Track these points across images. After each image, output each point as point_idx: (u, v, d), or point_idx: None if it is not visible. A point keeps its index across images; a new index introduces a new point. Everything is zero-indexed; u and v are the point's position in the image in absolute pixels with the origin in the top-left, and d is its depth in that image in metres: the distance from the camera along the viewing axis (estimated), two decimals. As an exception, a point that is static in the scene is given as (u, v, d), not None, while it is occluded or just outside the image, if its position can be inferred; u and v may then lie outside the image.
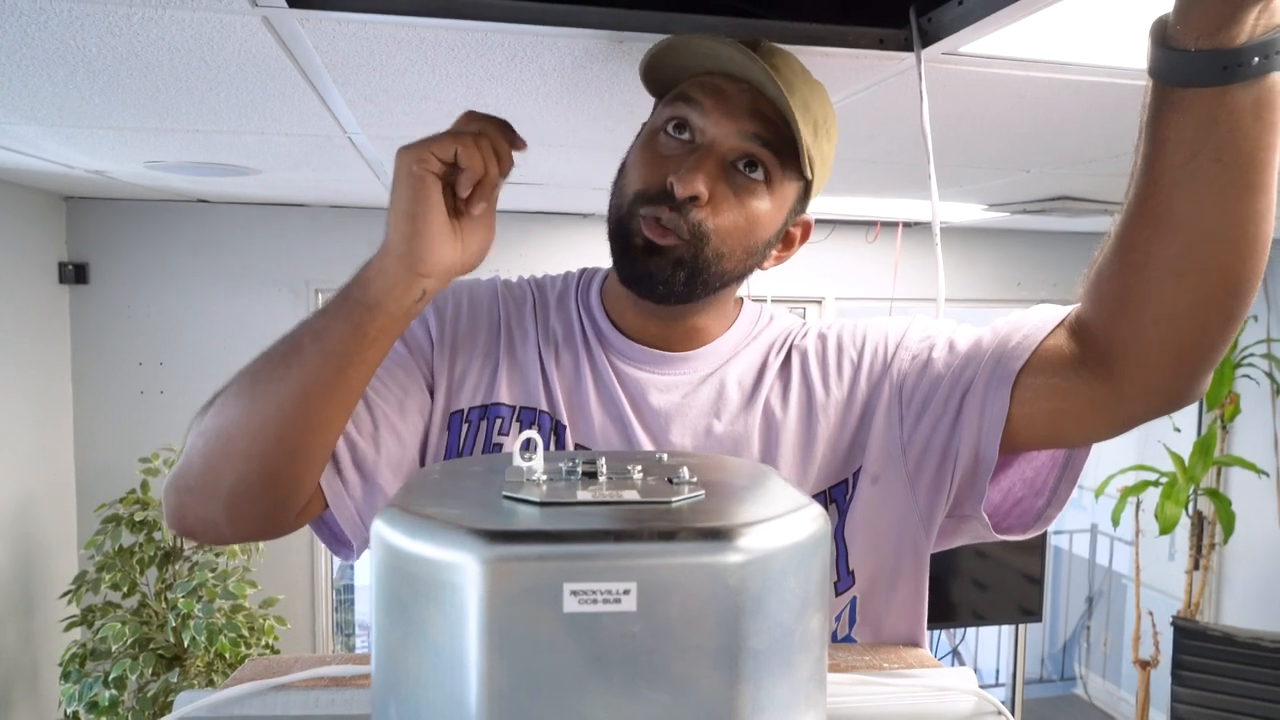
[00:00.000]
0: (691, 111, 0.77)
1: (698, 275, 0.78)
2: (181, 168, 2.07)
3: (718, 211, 0.77)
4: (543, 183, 2.32)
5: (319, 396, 0.70)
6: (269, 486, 0.72)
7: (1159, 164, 0.60)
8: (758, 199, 0.78)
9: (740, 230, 0.78)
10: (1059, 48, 0.97)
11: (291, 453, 0.71)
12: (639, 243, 0.77)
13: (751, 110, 0.76)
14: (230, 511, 0.73)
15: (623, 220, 0.79)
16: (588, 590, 0.39)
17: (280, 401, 0.69)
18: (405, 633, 0.42)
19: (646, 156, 0.79)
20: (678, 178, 0.74)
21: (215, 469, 0.72)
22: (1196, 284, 0.62)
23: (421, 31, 0.94)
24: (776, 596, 0.41)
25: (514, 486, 0.47)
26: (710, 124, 0.76)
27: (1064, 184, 2.16)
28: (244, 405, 0.71)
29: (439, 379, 0.84)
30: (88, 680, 2.36)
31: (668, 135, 0.78)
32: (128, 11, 0.90)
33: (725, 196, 0.77)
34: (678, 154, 0.77)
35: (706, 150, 0.76)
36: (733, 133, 0.76)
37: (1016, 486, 0.85)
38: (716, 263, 0.78)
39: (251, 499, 0.73)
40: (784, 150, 0.77)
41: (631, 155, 0.82)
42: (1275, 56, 0.54)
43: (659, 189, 0.76)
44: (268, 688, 0.67)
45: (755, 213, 0.78)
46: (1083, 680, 4.54)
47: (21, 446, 2.73)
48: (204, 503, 0.73)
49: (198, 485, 0.73)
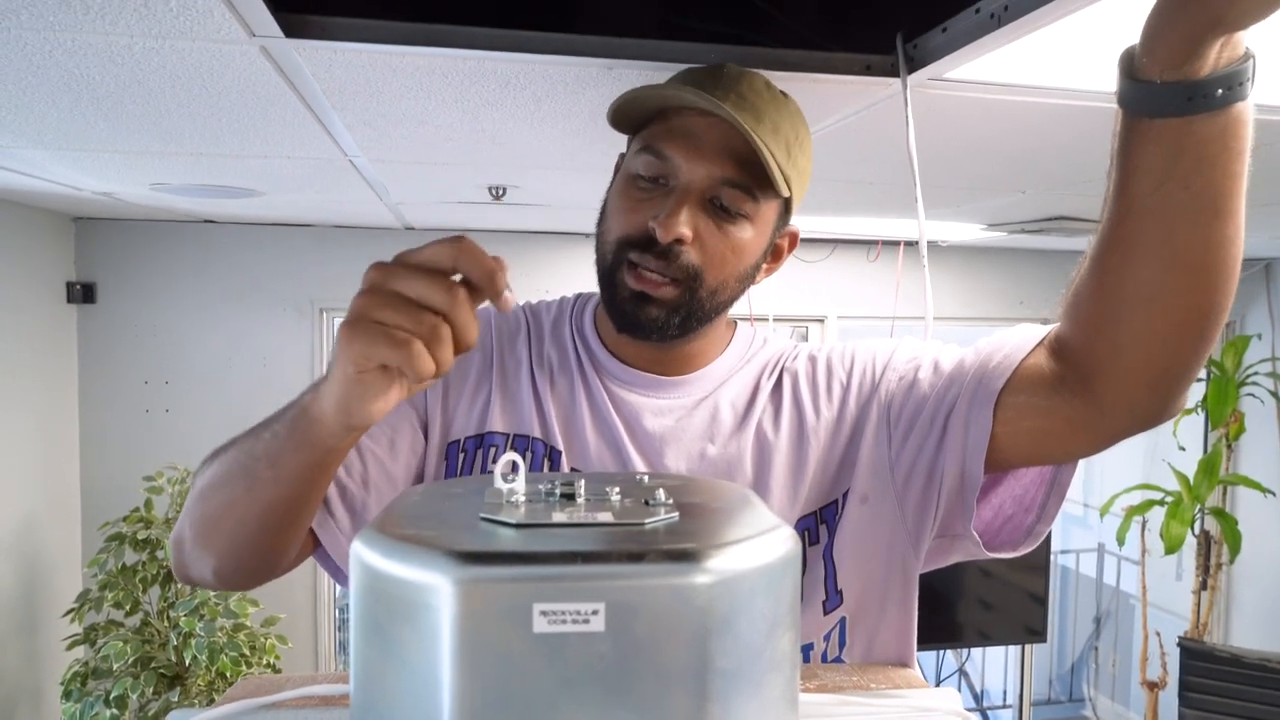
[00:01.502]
0: (664, 154, 0.78)
1: (693, 315, 0.80)
2: (186, 190, 2.10)
3: (705, 249, 0.78)
4: (545, 204, 2.34)
5: (286, 505, 0.71)
6: (257, 554, 0.75)
7: (1129, 191, 0.61)
8: (740, 229, 0.79)
9: (729, 262, 0.79)
10: (1043, 73, 0.98)
11: (271, 536, 0.74)
12: (627, 294, 0.79)
13: (722, 149, 0.77)
14: (222, 573, 0.77)
15: (610, 269, 0.80)
16: (557, 611, 0.39)
17: (251, 509, 0.71)
18: (381, 652, 0.43)
19: (625, 203, 0.80)
20: (659, 222, 0.76)
21: (206, 543, 0.75)
22: (1170, 307, 0.63)
23: (415, 60, 0.95)
24: (745, 617, 0.42)
25: (492, 509, 0.48)
26: (683, 169, 0.77)
27: (1060, 204, 2.17)
28: (224, 495, 0.72)
29: (433, 413, 0.85)
30: (89, 699, 2.36)
31: (643, 180, 0.79)
32: (129, 41, 0.92)
33: (709, 232, 0.78)
34: (655, 197, 0.78)
35: (684, 191, 0.77)
36: (704, 176, 0.77)
37: (1007, 504, 0.85)
38: (711, 299, 0.80)
39: (241, 562, 0.76)
40: (759, 177, 0.77)
41: (610, 200, 0.83)
42: (1238, 88, 0.55)
43: (641, 234, 0.77)
44: (257, 706, 0.68)
45: (740, 242, 0.79)
46: (1091, 702, 4.49)
47: (27, 464, 2.75)
48: (202, 565, 0.77)
49: (193, 552, 0.77)
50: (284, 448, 0.67)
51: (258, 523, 0.71)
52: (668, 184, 0.78)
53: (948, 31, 0.88)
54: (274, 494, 0.69)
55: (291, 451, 0.66)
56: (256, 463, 0.69)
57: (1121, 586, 4.43)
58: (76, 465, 3.07)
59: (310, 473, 0.68)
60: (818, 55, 0.95)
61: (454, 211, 2.58)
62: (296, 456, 0.66)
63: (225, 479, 0.72)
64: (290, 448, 0.66)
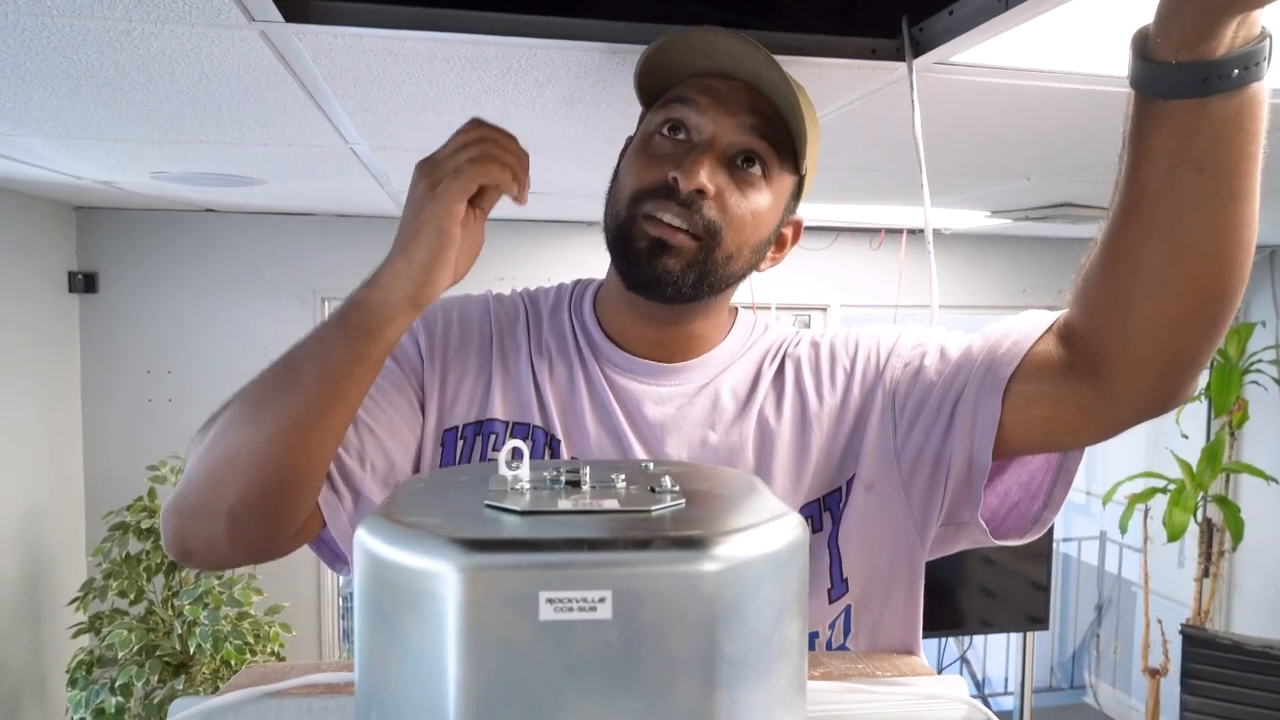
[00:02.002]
0: (688, 110, 0.77)
1: (706, 276, 0.78)
2: (187, 178, 2.09)
3: (724, 207, 0.77)
4: (546, 191, 2.33)
5: (321, 415, 0.71)
6: (271, 504, 0.73)
7: (1142, 174, 0.60)
8: (759, 193, 0.79)
9: (747, 226, 0.79)
10: (1051, 56, 0.97)
11: (294, 469, 0.72)
12: (643, 245, 0.76)
13: (748, 105, 0.77)
14: (232, 531, 0.73)
15: (623, 224, 0.78)
16: (563, 598, 0.39)
17: (282, 423, 0.70)
18: (386, 641, 0.42)
19: (642, 160, 0.79)
20: (681, 171, 0.74)
21: (218, 489, 0.72)
22: (1182, 291, 0.63)
23: (417, 44, 0.95)
24: (752, 604, 0.41)
25: (497, 495, 0.47)
26: (708, 120, 0.76)
27: (1065, 191, 2.16)
28: (246, 427, 0.71)
29: (430, 395, 0.84)
30: (94, 687, 2.37)
31: (663, 137, 0.78)
32: (127, 27, 0.91)
33: (730, 191, 0.77)
34: (675, 152, 0.77)
35: (706, 145, 0.76)
36: (731, 127, 0.76)
37: (1013, 491, 0.85)
38: (725, 264, 0.79)
39: (254, 517, 0.73)
40: (780, 144, 0.78)
41: (625, 161, 0.82)
42: (1255, 68, 0.54)
43: (659, 184, 0.76)
44: (261, 694, 0.68)
45: (758, 208, 0.79)
46: (1093, 689, 4.50)
47: (30, 454, 2.76)
48: (206, 524, 0.74)
49: (200, 505, 0.73)
50: (335, 343, 0.70)
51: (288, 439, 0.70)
52: (689, 139, 0.77)
53: (954, 14, 0.87)
54: (315, 392, 0.70)
55: (344, 346, 0.70)
56: (299, 367, 0.71)
57: (1123, 574, 4.43)
58: (79, 455, 3.07)
59: (360, 369, 0.71)
60: (822, 39, 0.94)
61: (455, 200, 2.57)
62: (350, 349, 0.70)
63: (249, 403, 0.72)
64: (343, 342, 0.70)
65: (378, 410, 0.80)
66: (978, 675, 4.31)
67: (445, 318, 0.87)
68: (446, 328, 0.87)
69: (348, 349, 0.70)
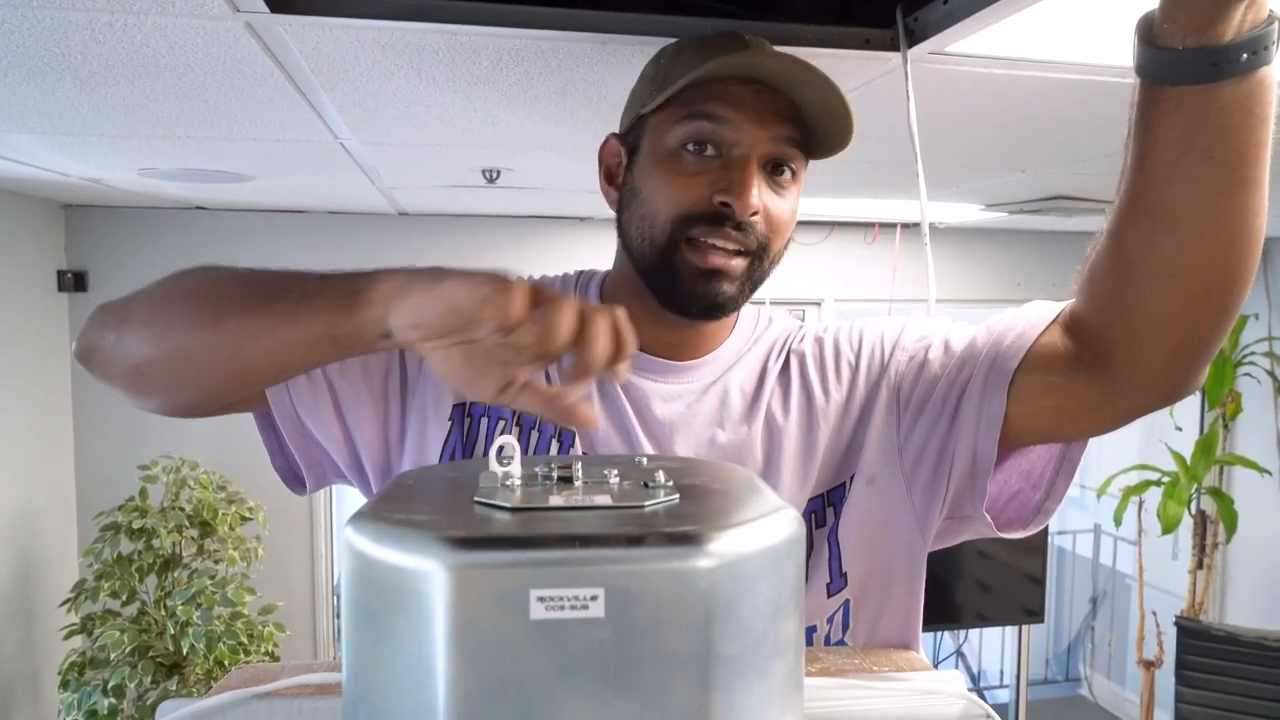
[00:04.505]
0: (720, 129, 0.74)
1: (754, 286, 0.79)
2: (175, 174, 2.07)
3: (769, 218, 0.77)
4: (539, 187, 2.32)
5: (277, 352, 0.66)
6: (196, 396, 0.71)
7: (1149, 162, 0.59)
8: (791, 194, 0.79)
9: (786, 228, 0.79)
10: (1046, 46, 0.96)
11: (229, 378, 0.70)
12: (692, 274, 0.75)
13: (778, 112, 0.75)
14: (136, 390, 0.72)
15: (665, 250, 0.76)
16: (554, 597, 0.38)
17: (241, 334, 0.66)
18: (374, 640, 0.41)
19: (676, 178, 0.76)
20: (734, 196, 0.73)
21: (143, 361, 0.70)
22: (1190, 281, 0.62)
23: (406, 35, 0.93)
24: (748, 601, 0.41)
25: (487, 492, 0.46)
26: (743, 136, 0.74)
27: (1060, 183, 2.15)
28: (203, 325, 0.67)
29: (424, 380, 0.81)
30: (87, 689, 2.35)
31: (690, 152, 0.75)
32: (110, 18, 0.90)
33: (771, 200, 0.77)
34: (711, 170, 0.75)
35: (744, 162, 0.74)
36: (765, 140, 0.75)
37: (1013, 480, 0.84)
38: (770, 269, 0.80)
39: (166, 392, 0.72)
40: (807, 139, 0.77)
41: (649, 179, 0.78)
42: (1263, 52, 0.53)
43: (705, 209, 0.74)
44: (250, 696, 0.67)
45: (791, 208, 0.79)
46: (1088, 681, 4.52)
47: (21, 454, 2.73)
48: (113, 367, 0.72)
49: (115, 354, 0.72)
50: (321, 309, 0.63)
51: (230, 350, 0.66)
52: (720, 154, 0.75)
53: (949, 4, 0.87)
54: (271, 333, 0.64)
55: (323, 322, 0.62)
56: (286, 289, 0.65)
57: (1118, 567, 4.44)
58: (71, 455, 3.05)
59: (331, 347, 0.63)
60: (816, 29, 0.93)
61: (448, 196, 2.56)
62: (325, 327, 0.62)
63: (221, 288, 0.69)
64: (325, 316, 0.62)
65: (352, 394, 0.79)
66: (973, 669, 4.33)
67: None
68: None
69: (331, 323, 0.62)
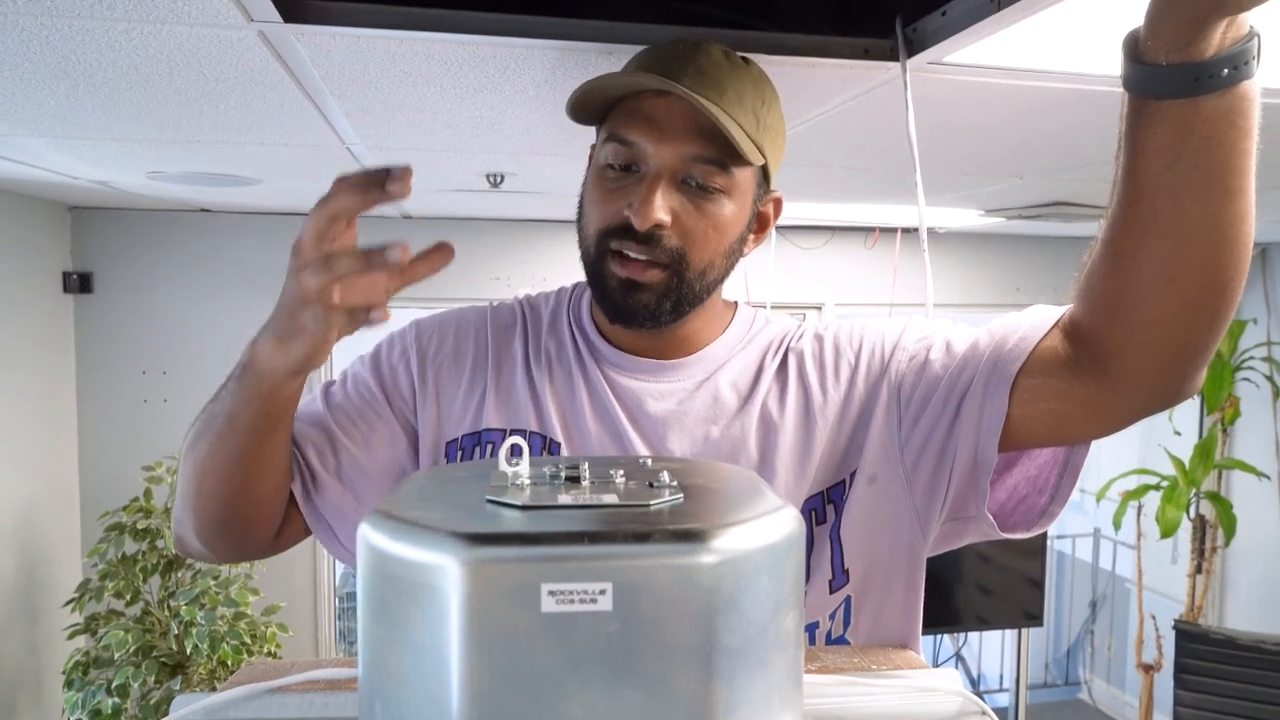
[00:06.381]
0: (628, 149, 0.78)
1: (684, 298, 0.80)
2: (183, 178, 2.09)
3: (685, 231, 0.78)
4: (543, 191, 2.34)
5: (248, 459, 0.76)
6: (231, 511, 0.80)
7: (1139, 172, 0.61)
8: (718, 205, 0.79)
9: (712, 240, 0.80)
10: (1043, 56, 0.98)
11: (241, 489, 0.78)
12: (615, 284, 0.80)
13: (687, 127, 0.76)
14: (208, 542, 0.82)
15: (594, 262, 0.81)
16: (565, 590, 0.40)
17: (216, 460, 0.76)
18: (389, 634, 0.43)
19: (598, 194, 0.81)
20: (634, 210, 0.76)
21: (189, 499, 0.80)
22: (1183, 286, 0.64)
23: (414, 45, 0.95)
24: (750, 596, 0.42)
25: (498, 491, 0.48)
26: (651, 153, 0.77)
27: (1058, 189, 2.17)
28: (198, 455, 0.78)
29: (425, 413, 0.86)
30: (91, 688, 2.37)
31: (612, 169, 0.79)
32: (126, 27, 0.91)
33: (688, 213, 0.78)
34: (627, 185, 0.78)
35: (654, 177, 0.77)
36: (673, 157, 0.77)
37: (1021, 485, 0.85)
38: (700, 280, 0.80)
39: (219, 530, 0.81)
40: (730, 149, 0.77)
41: (585, 193, 0.84)
42: (1244, 66, 0.55)
43: (619, 222, 0.78)
44: (263, 690, 0.69)
45: (720, 218, 0.79)
46: (1087, 685, 4.52)
47: (26, 454, 2.75)
48: (185, 526, 0.82)
49: (180, 511, 0.83)
50: (239, 399, 0.73)
51: (226, 476, 0.77)
52: (638, 170, 0.78)
53: (947, 15, 0.88)
54: (235, 446, 0.75)
55: (246, 403, 0.73)
56: (217, 420, 0.75)
57: (1117, 570, 4.45)
58: (75, 455, 3.07)
59: (267, 424, 0.74)
60: (816, 39, 0.95)
61: (452, 199, 2.57)
62: (251, 405, 0.72)
63: (197, 439, 0.78)
64: (245, 399, 0.73)
65: (354, 430, 0.84)
66: (973, 672, 4.33)
67: (440, 335, 0.89)
68: (440, 345, 0.89)
69: (249, 405, 0.73)
